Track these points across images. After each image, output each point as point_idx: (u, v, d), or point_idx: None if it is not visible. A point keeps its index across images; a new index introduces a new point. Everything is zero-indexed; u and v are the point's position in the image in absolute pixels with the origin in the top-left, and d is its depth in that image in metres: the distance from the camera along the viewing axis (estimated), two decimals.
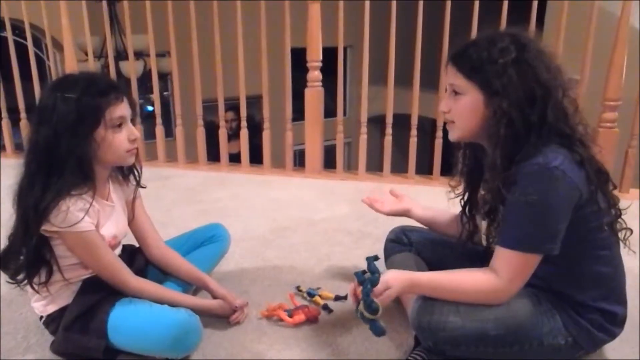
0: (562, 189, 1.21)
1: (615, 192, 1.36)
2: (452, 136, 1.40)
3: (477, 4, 3.00)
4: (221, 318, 1.64)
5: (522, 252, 1.25)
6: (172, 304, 1.47)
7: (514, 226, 1.26)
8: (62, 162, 1.35)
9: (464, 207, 1.57)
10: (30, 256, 1.40)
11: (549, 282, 1.34)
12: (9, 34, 3.66)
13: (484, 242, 1.48)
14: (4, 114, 3.85)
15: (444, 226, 1.71)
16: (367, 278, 1.30)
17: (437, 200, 2.84)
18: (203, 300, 1.66)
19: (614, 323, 1.35)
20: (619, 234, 1.35)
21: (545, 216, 1.22)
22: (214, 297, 1.67)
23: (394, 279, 1.33)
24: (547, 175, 1.20)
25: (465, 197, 1.55)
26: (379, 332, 1.31)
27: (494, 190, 1.28)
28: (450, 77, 1.34)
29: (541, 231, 1.23)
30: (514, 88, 1.24)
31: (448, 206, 1.61)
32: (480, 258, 1.43)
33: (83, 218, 1.37)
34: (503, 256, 1.27)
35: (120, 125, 1.42)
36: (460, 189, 1.56)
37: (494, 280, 1.28)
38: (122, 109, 1.42)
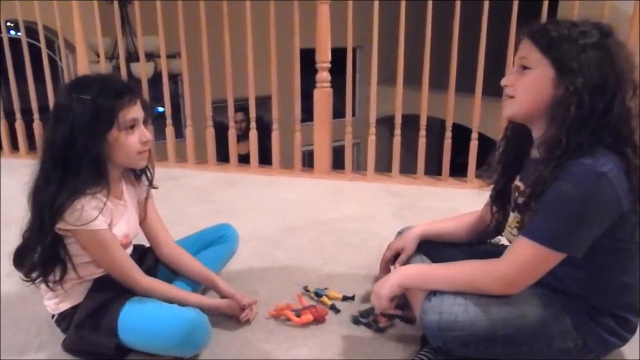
0: (602, 197, 1.18)
1: None
2: (508, 112, 1.36)
3: (487, 4, 2.99)
4: (230, 317, 1.66)
5: (541, 245, 1.21)
6: (181, 303, 1.48)
7: (542, 219, 1.23)
8: (78, 161, 1.37)
9: (496, 197, 1.54)
10: (46, 254, 1.42)
11: (568, 285, 1.32)
12: (22, 35, 3.70)
13: (510, 237, 1.45)
14: (17, 115, 3.89)
15: (456, 236, 1.70)
16: None
17: (445, 201, 2.87)
18: (212, 300, 1.67)
19: (626, 329, 1.34)
20: None
21: (578, 218, 1.19)
22: (223, 296, 1.68)
23: (379, 286, 1.40)
24: (592, 179, 1.16)
25: (500, 186, 1.52)
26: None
27: (537, 180, 1.25)
28: (523, 50, 1.31)
29: (568, 231, 1.21)
30: (590, 70, 1.20)
31: (478, 193, 1.58)
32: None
33: (97, 217, 1.39)
34: (519, 244, 1.25)
35: (132, 127, 1.44)
36: (493, 178, 1.54)
37: (496, 264, 1.27)
38: (135, 111, 1.44)
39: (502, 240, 1.58)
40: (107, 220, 1.44)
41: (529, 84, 1.29)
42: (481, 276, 1.30)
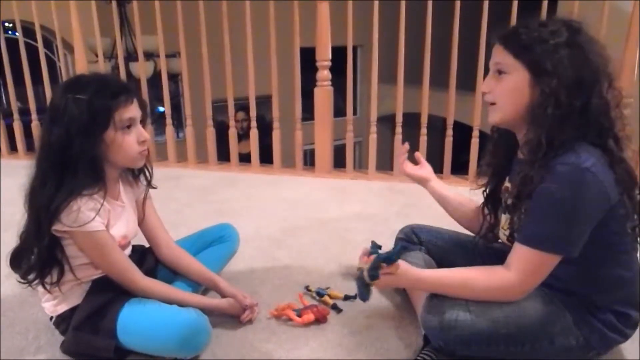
0: (591, 193, 1.18)
1: None
2: (493, 118, 1.38)
3: (486, 4, 2.98)
4: (232, 317, 1.64)
5: (542, 251, 1.23)
6: (182, 304, 1.47)
7: (537, 224, 1.24)
8: (74, 162, 1.35)
9: (487, 199, 1.55)
10: (43, 256, 1.41)
11: (566, 283, 1.33)
12: (19, 35, 3.69)
13: (502, 237, 1.46)
14: (16, 116, 3.88)
15: (459, 211, 1.69)
16: (389, 252, 1.32)
17: None
18: (212, 300, 1.66)
19: (627, 324, 1.34)
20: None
21: (570, 217, 1.20)
22: (224, 296, 1.66)
23: (404, 270, 1.33)
24: (577, 177, 1.17)
25: (491, 189, 1.53)
26: (364, 297, 1.34)
27: (522, 181, 1.26)
28: (496, 56, 1.32)
29: (564, 232, 1.21)
30: (564, 69, 1.21)
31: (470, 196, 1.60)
32: (492, 258, 1.42)
33: (94, 218, 1.37)
34: (521, 253, 1.26)
35: (129, 127, 1.42)
36: (484, 180, 1.55)
37: (507, 276, 1.27)
38: (131, 111, 1.42)
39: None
40: (104, 221, 1.43)
41: (508, 89, 1.31)
42: (489, 289, 1.30)
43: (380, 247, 1.37)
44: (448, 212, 1.72)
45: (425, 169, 1.80)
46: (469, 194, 1.61)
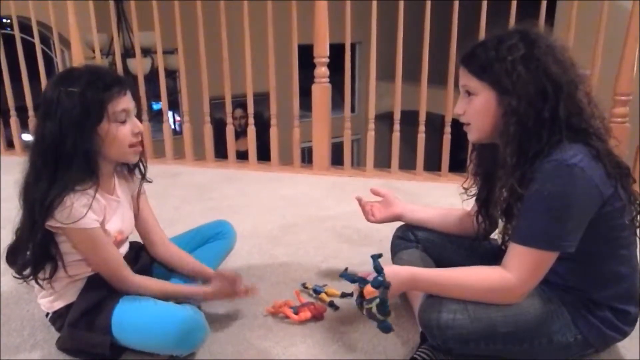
0: (580, 187, 1.18)
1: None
2: (471, 138, 1.39)
3: (485, 3, 2.97)
4: (230, 315, 1.64)
5: (537, 249, 1.22)
6: (174, 296, 1.46)
7: (530, 222, 1.24)
8: (68, 157, 1.34)
9: (480, 207, 1.54)
10: (37, 251, 1.39)
11: (565, 279, 1.32)
12: (16, 31, 3.67)
13: (500, 241, 1.45)
14: (12, 112, 3.86)
15: (446, 224, 1.69)
16: (378, 281, 1.30)
17: (445, 197, 2.86)
18: (203, 287, 1.60)
19: (625, 322, 1.34)
20: (638, 231, 1.32)
21: (562, 213, 1.20)
22: None
23: (394, 273, 1.32)
24: (565, 172, 1.18)
25: (483, 196, 1.52)
26: (387, 329, 1.33)
27: (510, 188, 1.27)
28: (462, 78, 1.34)
29: (557, 228, 1.21)
30: (523, 84, 1.22)
31: (462, 206, 1.59)
32: (490, 256, 1.41)
33: (86, 214, 1.36)
34: (517, 253, 1.25)
35: (124, 120, 1.41)
36: (474, 189, 1.54)
37: (506, 277, 1.25)
38: (125, 102, 1.40)
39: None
40: (98, 217, 1.41)
41: (477, 110, 1.32)
42: (487, 291, 1.29)
43: (381, 256, 1.37)
44: (435, 229, 1.71)
45: (392, 206, 1.77)
46: (461, 204, 1.59)
